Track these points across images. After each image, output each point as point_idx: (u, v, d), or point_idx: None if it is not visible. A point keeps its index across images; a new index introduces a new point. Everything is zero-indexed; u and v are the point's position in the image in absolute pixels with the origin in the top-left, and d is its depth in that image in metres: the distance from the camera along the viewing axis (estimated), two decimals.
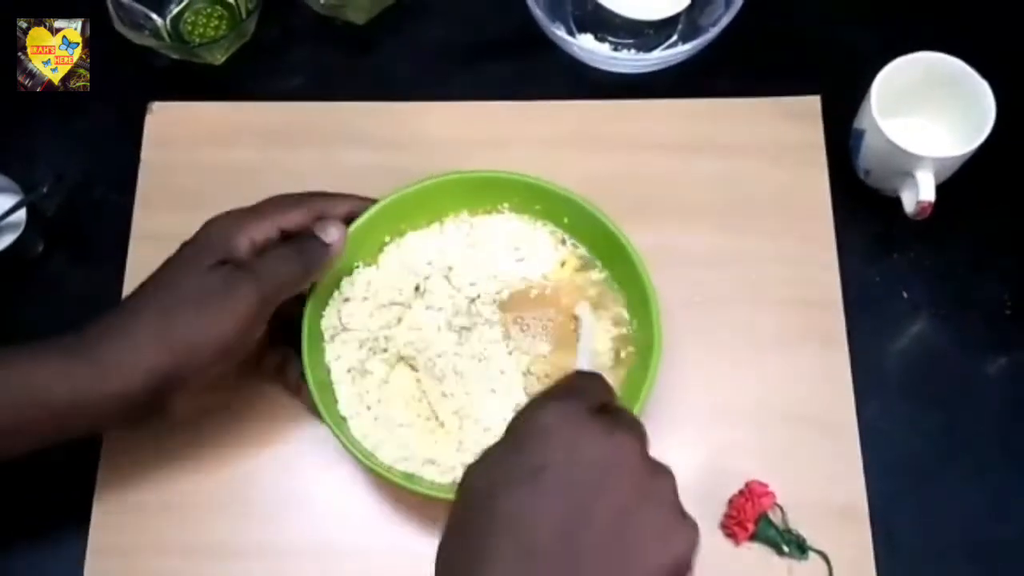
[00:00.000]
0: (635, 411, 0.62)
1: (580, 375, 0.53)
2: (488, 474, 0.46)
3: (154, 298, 0.59)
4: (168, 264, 0.61)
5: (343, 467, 0.68)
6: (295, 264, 0.61)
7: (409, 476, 0.64)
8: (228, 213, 0.63)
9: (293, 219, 0.64)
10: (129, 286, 0.72)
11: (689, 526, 0.47)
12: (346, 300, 0.68)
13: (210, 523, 0.67)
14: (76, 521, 0.67)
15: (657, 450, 0.68)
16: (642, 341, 0.67)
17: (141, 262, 0.73)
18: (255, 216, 0.63)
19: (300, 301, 0.65)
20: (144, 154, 0.77)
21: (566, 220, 0.70)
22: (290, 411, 0.69)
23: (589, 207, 0.68)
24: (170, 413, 0.60)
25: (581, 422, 0.46)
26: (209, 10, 0.82)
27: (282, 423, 0.69)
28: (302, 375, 0.64)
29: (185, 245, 0.62)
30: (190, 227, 0.61)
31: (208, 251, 0.61)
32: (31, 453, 0.58)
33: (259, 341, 0.64)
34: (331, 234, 0.63)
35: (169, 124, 0.78)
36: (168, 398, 0.59)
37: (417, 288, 0.69)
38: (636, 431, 0.48)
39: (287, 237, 0.63)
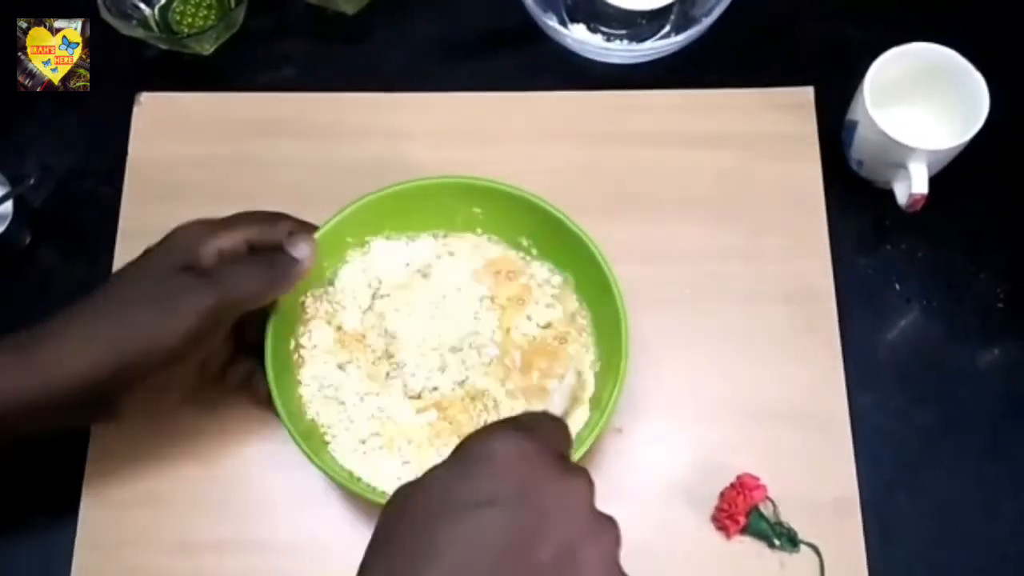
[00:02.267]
0: (606, 412, 0.62)
1: (546, 416, 0.51)
2: (432, 495, 0.44)
3: (108, 296, 0.58)
4: (130, 265, 0.60)
5: None
6: (260, 276, 0.60)
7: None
8: (198, 221, 0.62)
9: (263, 234, 0.62)
10: None
11: None
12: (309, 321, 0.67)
13: (198, 519, 0.67)
14: (64, 515, 0.67)
15: (651, 443, 0.69)
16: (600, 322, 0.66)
17: (129, 254, 0.71)
18: (225, 227, 0.61)
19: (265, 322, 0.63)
20: (132, 145, 0.77)
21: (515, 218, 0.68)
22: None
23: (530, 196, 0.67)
24: (118, 413, 0.59)
25: (536, 460, 0.44)
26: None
27: (268, 416, 0.68)
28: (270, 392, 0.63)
29: (150, 249, 0.61)
30: (178, 218, 0.61)
31: (172, 255, 0.59)
32: None
33: (220, 352, 0.63)
34: (302, 250, 0.61)
35: (157, 115, 0.78)
36: (115, 397, 0.58)
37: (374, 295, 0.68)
38: (587, 480, 0.46)
39: (254, 252, 0.62)
